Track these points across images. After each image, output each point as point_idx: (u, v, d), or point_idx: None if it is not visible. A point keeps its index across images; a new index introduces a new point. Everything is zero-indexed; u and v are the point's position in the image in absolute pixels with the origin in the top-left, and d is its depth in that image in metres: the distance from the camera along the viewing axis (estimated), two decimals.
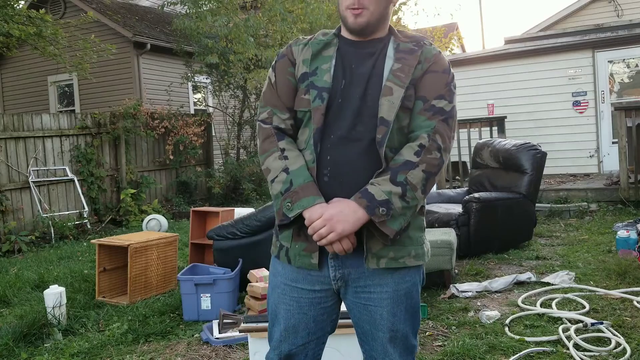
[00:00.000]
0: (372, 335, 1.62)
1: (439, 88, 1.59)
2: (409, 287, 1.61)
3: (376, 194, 1.48)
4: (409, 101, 1.56)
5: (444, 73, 1.62)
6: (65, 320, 3.84)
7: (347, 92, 1.59)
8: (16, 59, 12.34)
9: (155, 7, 14.19)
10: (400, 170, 1.50)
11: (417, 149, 1.53)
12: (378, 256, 1.55)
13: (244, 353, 3.24)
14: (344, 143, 1.56)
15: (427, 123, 1.56)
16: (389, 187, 1.48)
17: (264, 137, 1.64)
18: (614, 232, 5.40)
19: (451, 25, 22.28)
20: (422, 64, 1.61)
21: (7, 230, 7.16)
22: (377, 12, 1.60)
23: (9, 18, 8.36)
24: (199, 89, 12.92)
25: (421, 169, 1.51)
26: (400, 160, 1.52)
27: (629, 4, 11.96)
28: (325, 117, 1.58)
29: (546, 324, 3.35)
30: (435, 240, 4.13)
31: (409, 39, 1.65)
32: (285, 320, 1.65)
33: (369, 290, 1.59)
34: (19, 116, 7.73)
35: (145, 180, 9.29)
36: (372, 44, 1.64)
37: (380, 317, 1.60)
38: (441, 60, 1.64)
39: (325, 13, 10.14)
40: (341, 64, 1.62)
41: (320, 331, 1.68)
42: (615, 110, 7.46)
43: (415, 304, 1.64)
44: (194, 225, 5.45)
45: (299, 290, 1.63)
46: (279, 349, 1.67)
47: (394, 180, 1.49)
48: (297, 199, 1.52)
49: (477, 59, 10.12)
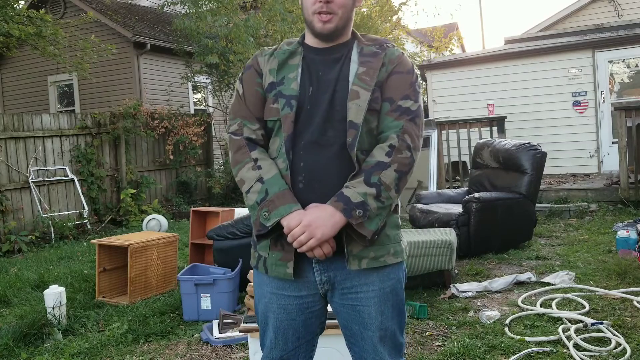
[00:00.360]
0: (362, 336, 1.64)
1: (404, 88, 1.61)
2: (394, 284, 1.64)
3: (352, 196, 1.49)
4: (376, 103, 1.59)
5: (408, 74, 1.64)
6: (65, 320, 3.84)
7: (315, 99, 1.60)
8: (16, 59, 12.34)
9: (155, 7, 14.19)
10: (374, 172, 1.52)
11: (388, 149, 1.54)
12: (359, 257, 1.57)
13: (244, 353, 3.24)
14: (316, 149, 1.57)
15: (395, 123, 1.57)
16: (363, 188, 1.50)
17: (235, 148, 1.65)
18: (614, 232, 5.40)
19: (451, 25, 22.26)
20: (386, 66, 1.63)
21: (7, 230, 7.16)
22: (344, 17, 1.62)
23: (9, 18, 8.36)
24: (199, 89, 12.92)
25: (393, 168, 1.53)
26: (372, 161, 1.54)
27: (629, 4, 11.96)
28: (296, 124, 1.59)
29: (546, 324, 3.35)
30: (435, 240, 4.13)
31: (372, 42, 1.67)
32: (275, 328, 1.67)
33: (356, 291, 1.61)
34: (19, 116, 7.73)
35: (145, 180, 9.29)
36: (337, 49, 1.66)
37: (369, 317, 1.61)
38: (405, 61, 1.66)
39: None
40: (307, 71, 1.64)
41: (309, 334, 1.70)
42: (615, 110, 7.46)
43: (401, 301, 1.67)
44: (194, 225, 5.45)
45: (286, 297, 1.65)
46: (270, 355, 1.70)
47: (368, 182, 1.51)
48: (274, 208, 1.52)
49: (477, 59, 10.12)
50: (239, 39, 9.43)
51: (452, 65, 10.23)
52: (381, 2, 13.01)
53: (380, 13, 12.85)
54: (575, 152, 9.12)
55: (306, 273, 1.62)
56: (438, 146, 8.10)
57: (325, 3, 1.56)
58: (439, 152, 8.11)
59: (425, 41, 19.12)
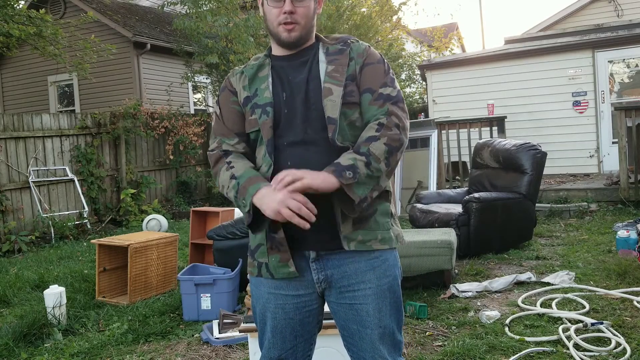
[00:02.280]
0: (360, 335, 1.64)
1: (380, 77, 1.66)
2: (391, 282, 1.66)
3: (342, 161, 1.53)
4: (351, 96, 1.63)
5: (379, 63, 1.69)
6: (65, 320, 3.84)
7: (290, 102, 1.65)
8: (16, 59, 12.34)
9: (155, 7, 14.19)
10: (363, 143, 1.57)
11: (377, 126, 1.59)
12: (349, 239, 1.59)
13: (244, 353, 3.24)
14: (302, 147, 1.62)
15: (381, 110, 1.62)
16: (353, 155, 1.54)
17: (214, 162, 1.72)
18: (614, 232, 5.40)
19: (451, 25, 22.26)
20: (355, 59, 1.68)
21: (7, 230, 7.17)
22: (307, 25, 1.68)
23: (9, 18, 8.37)
24: (199, 89, 12.92)
25: (382, 141, 1.56)
26: (363, 137, 1.59)
27: (629, 4, 11.96)
28: (277, 129, 1.64)
29: (546, 324, 3.34)
30: (435, 240, 4.13)
31: (336, 41, 1.73)
32: (273, 328, 1.69)
33: (353, 289, 1.62)
34: (19, 116, 7.73)
35: (145, 180, 9.29)
36: (303, 53, 1.71)
37: (367, 314, 1.62)
38: (373, 53, 1.71)
39: (325, 13, 10.15)
40: (278, 78, 1.69)
41: (307, 333, 1.71)
42: (615, 110, 7.46)
43: (398, 299, 1.69)
44: (194, 225, 5.45)
45: (283, 296, 1.67)
46: (268, 355, 1.72)
47: (358, 151, 1.55)
48: (245, 193, 1.57)
49: (477, 59, 10.12)
50: (239, 39, 9.42)
51: (452, 65, 10.22)
52: (381, 2, 13.00)
53: (380, 13, 12.84)
54: (575, 152, 9.11)
55: (303, 272, 1.64)
56: (438, 146, 8.10)
57: (289, 14, 1.64)
58: (439, 152, 8.11)
59: (425, 41, 19.11)
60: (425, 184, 7.96)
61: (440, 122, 8.38)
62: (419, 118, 10.23)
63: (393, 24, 14.02)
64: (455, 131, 8.27)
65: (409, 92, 15.34)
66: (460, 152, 8.16)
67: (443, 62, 10.53)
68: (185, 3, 10.30)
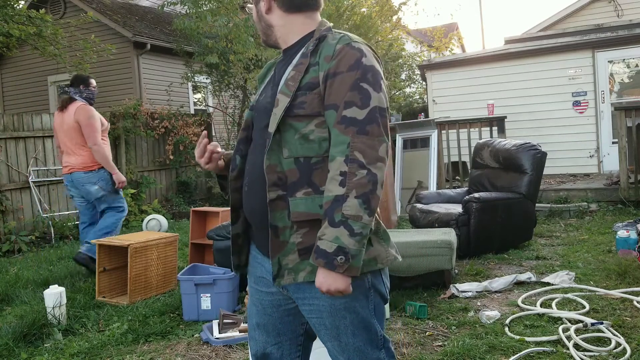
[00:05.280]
0: (325, 344, 1.62)
1: (345, 92, 1.44)
2: (348, 302, 1.53)
3: (327, 248, 1.40)
4: (301, 108, 1.49)
5: (350, 71, 1.45)
6: (65, 320, 3.84)
7: (259, 106, 1.65)
8: (16, 59, 12.34)
9: (155, 7, 14.19)
10: (335, 210, 1.40)
11: (340, 178, 1.41)
12: (295, 270, 1.53)
13: (244, 353, 3.24)
14: (255, 152, 1.62)
15: (342, 139, 1.43)
16: (332, 233, 1.40)
17: None
18: (614, 232, 5.40)
19: (451, 26, 22.26)
20: (319, 64, 1.50)
21: (7, 230, 7.16)
22: (262, 28, 1.68)
23: (9, 18, 8.36)
24: (199, 89, 12.92)
25: (353, 196, 1.39)
26: (329, 197, 1.42)
27: (629, 4, 11.97)
28: (249, 132, 1.68)
29: (546, 324, 3.34)
30: (435, 240, 4.13)
31: (318, 39, 1.56)
32: (256, 321, 1.71)
33: (308, 303, 1.57)
34: (19, 116, 7.72)
35: (145, 180, 9.29)
36: (288, 52, 1.66)
37: (325, 328, 1.57)
38: (346, 56, 1.47)
39: (325, 13, 10.14)
40: (273, 79, 1.67)
41: (290, 332, 1.69)
42: (615, 110, 7.46)
43: (365, 319, 1.56)
44: (194, 225, 5.45)
45: (260, 292, 1.69)
46: (255, 347, 1.73)
47: (334, 223, 1.40)
48: None
49: (477, 59, 10.12)
50: (239, 39, 9.42)
51: (452, 65, 10.22)
52: (381, 2, 13.00)
53: (380, 13, 12.84)
54: (575, 152, 9.12)
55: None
56: (438, 146, 8.10)
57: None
58: (439, 152, 8.11)
59: (425, 41, 19.11)
60: (425, 184, 7.96)
61: (440, 122, 8.38)
62: (419, 118, 10.22)
63: (393, 24, 14.01)
64: (455, 131, 8.27)
65: (409, 92, 15.34)
66: (460, 152, 8.16)
67: (443, 62, 10.53)
68: (185, 3, 10.29)
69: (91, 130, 4.94)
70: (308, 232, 1.50)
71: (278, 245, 1.52)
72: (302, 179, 1.50)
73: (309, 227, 1.50)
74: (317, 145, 1.50)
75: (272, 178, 1.51)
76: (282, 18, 1.62)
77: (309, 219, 1.49)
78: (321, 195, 1.48)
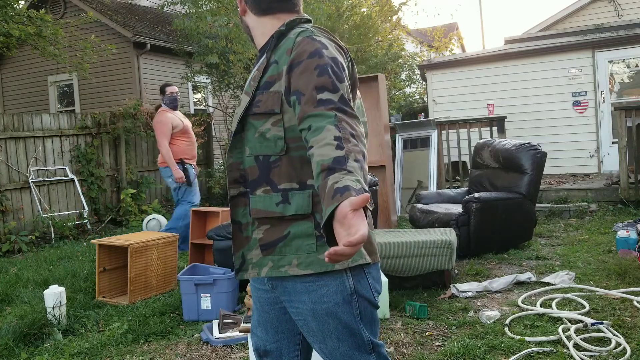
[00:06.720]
0: (313, 346, 1.61)
1: (311, 77, 1.38)
2: (331, 308, 1.49)
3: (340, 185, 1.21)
4: (257, 107, 1.50)
5: (311, 58, 1.40)
6: (65, 320, 3.84)
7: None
8: (16, 59, 12.34)
9: (155, 7, 14.19)
10: (336, 168, 1.24)
11: (336, 142, 1.27)
12: (259, 265, 1.55)
13: (244, 353, 3.24)
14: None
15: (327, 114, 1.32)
16: (338, 177, 1.23)
17: None
18: (614, 232, 5.40)
19: (451, 25, 22.26)
20: (278, 63, 1.49)
21: (7, 230, 7.16)
22: (244, 29, 1.72)
23: (9, 18, 8.36)
24: (199, 89, 12.92)
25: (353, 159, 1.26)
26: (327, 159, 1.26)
27: (629, 4, 11.97)
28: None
29: (546, 324, 3.35)
30: (435, 240, 4.13)
31: (276, 37, 1.55)
32: (257, 318, 1.73)
33: (294, 305, 1.56)
34: (19, 116, 7.72)
35: (145, 180, 9.29)
36: (260, 52, 1.66)
37: (312, 331, 1.55)
38: (305, 46, 1.43)
39: (325, 13, 10.13)
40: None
41: (288, 331, 1.68)
42: (615, 110, 7.46)
43: (350, 325, 1.51)
44: (194, 225, 5.45)
45: (257, 290, 1.70)
46: (256, 344, 1.74)
47: (337, 175, 1.23)
48: None
49: (477, 59, 10.12)
50: (239, 39, 9.42)
51: (452, 65, 10.22)
52: (381, 2, 13.00)
53: (380, 13, 12.84)
54: (575, 152, 9.12)
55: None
56: (438, 146, 8.10)
57: None
58: (439, 152, 8.11)
59: (425, 41, 19.10)
60: (425, 184, 7.96)
61: (440, 122, 8.38)
62: (419, 118, 10.22)
63: (393, 24, 14.01)
64: (455, 131, 8.27)
65: (408, 92, 15.34)
66: (460, 152, 8.16)
67: (443, 62, 10.53)
68: (185, 3, 10.29)
69: (157, 133, 5.95)
70: (269, 229, 1.54)
71: (242, 240, 1.59)
72: (261, 177, 1.53)
73: (270, 225, 1.54)
74: (273, 144, 1.51)
75: (234, 175, 1.58)
76: (255, 20, 1.66)
77: (267, 216, 1.53)
78: (278, 193, 1.50)
